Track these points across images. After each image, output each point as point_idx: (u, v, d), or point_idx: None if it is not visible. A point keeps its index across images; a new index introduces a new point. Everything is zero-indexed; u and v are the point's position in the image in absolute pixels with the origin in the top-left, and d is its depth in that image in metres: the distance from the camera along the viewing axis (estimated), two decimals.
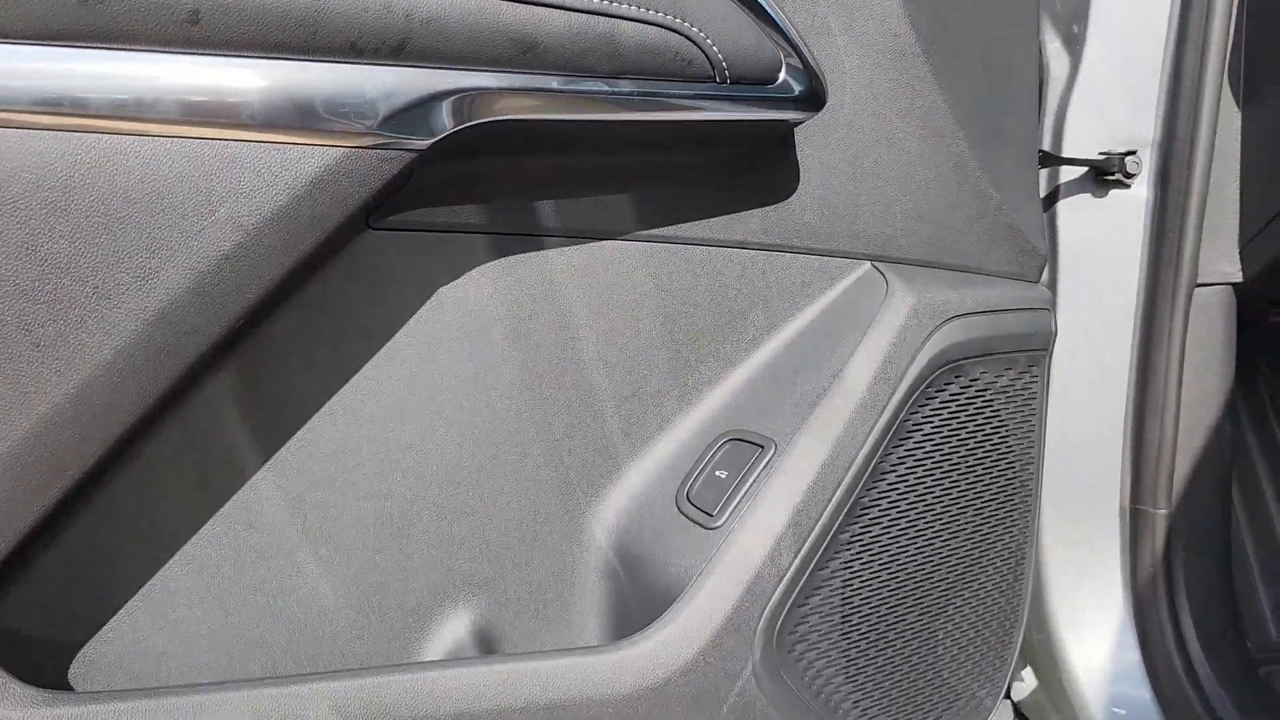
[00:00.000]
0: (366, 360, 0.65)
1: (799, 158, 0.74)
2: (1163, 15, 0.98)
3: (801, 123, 0.71)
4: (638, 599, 0.70)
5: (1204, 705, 0.99)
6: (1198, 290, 1.00)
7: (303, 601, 0.65)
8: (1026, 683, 1.14)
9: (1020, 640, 0.87)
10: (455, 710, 0.60)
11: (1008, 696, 1.18)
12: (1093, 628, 1.04)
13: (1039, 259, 0.84)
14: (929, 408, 0.75)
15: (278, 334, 0.62)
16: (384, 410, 0.65)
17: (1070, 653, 1.05)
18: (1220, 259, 1.01)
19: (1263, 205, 0.97)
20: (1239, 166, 0.99)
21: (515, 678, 0.62)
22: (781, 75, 0.66)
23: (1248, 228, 0.99)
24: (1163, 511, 1.02)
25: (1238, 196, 1.00)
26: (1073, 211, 1.02)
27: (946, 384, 0.76)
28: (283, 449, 0.63)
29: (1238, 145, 0.99)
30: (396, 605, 0.67)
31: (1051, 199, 1.03)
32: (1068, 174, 1.02)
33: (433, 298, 0.66)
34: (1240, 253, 1.01)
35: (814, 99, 0.68)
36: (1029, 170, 0.88)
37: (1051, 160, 0.99)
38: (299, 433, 0.63)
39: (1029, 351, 0.80)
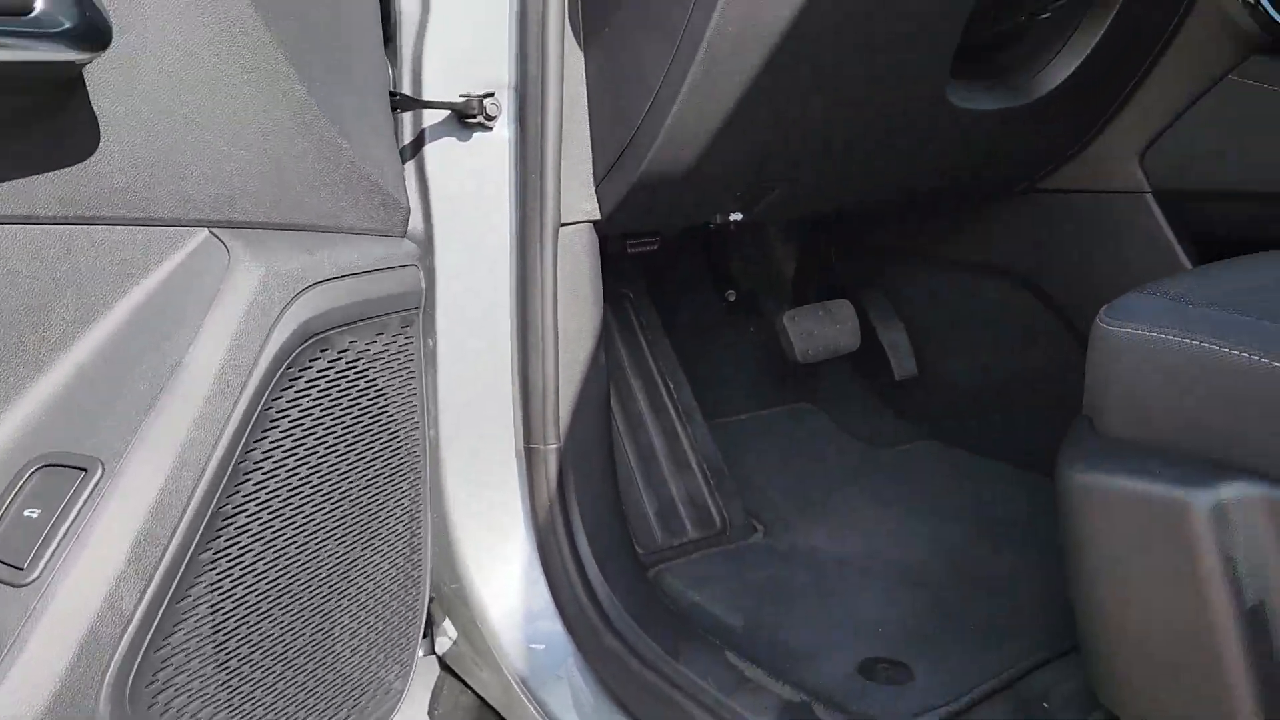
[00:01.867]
0: None
1: (96, 108, 0.60)
2: None
3: (85, 64, 0.57)
4: None
5: (601, 618, 1.05)
6: (563, 229, 1.03)
7: None
8: (449, 635, 1.13)
9: (425, 609, 0.84)
10: None
11: (432, 652, 1.17)
12: (502, 571, 1.06)
13: (401, 212, 0.79)
14: (294, 389, 0.67)
15: None
16: None
17: (484, 598, 1.06)
18: (581, 198, 1.04)
19: (611, 146, 1.02)
20: (588, 106, 1.03)
21: None
22: (40, 4, 0.52)
23: (600, 168, 1.04)
24: (553, 447, 1.05)
25: (589, 136, 1.04)
26: (440, 156, 0.99)
27: (312, 360, 0.69)
28: None
29: (584, 86, 1.02)
30: None
31: (418, 145, 0.98)
32: (431, 118, 0.98)
33: None
34: (595, 191, 1.05)
35: (93, 34, 0.54)
36: (382, 117, 0.82)
37: (409, 104, 0.95)
38: None
39: (400, 312, 0.76)
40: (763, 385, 1.65)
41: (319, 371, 0.68)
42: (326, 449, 0.69)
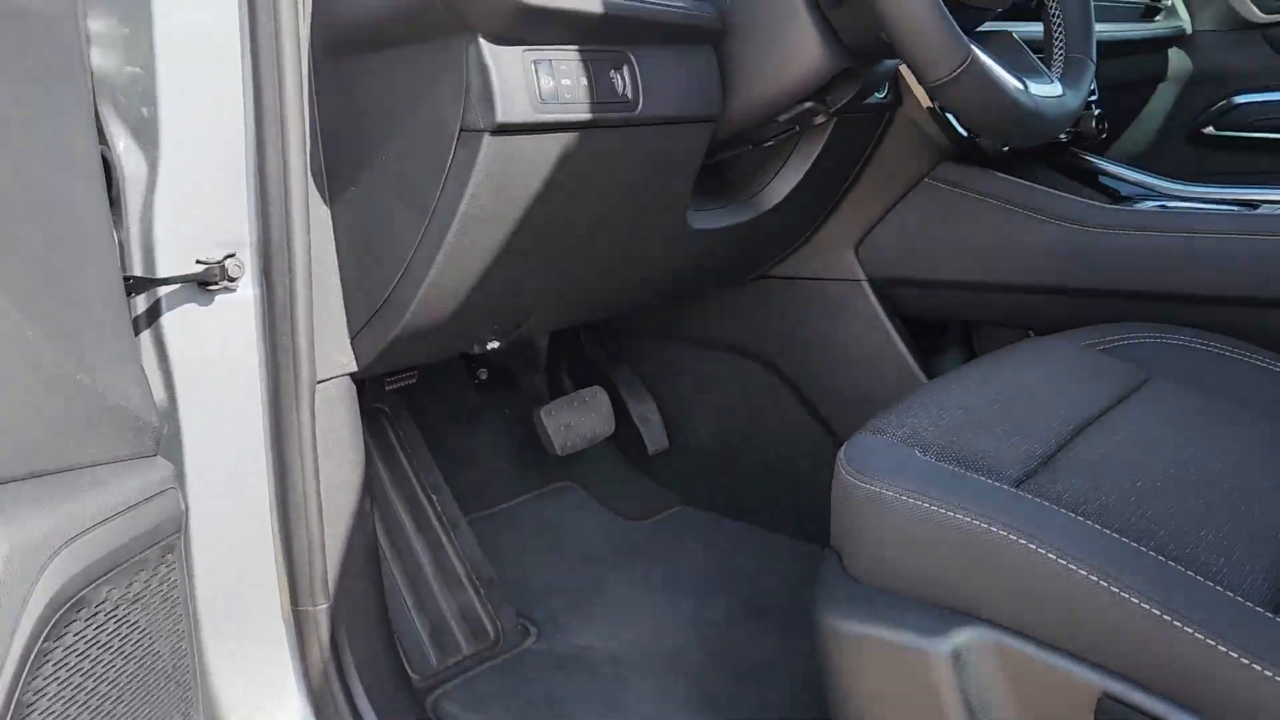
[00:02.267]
0: None
1: None
2: (237, 112, 0.93)
3: None
4: None
5: None
6: (320, 385, 1.00)
7: None
8: None
9: None
10: None
11: None
12: None
13: (152, 430, 0.75)
14: (48, 666, 0.62)
15: None
16: None
17: None
18: (336, 352, 1.02)
19: (365, 303, 1.00)
20: (338, 261, 1.00)
21: None
22: None
23: (355, 322, 1.02)
24: (323, 607, 1.02)
25: (340, 290, 1.01)
26: (180, 327, 0.93)
27: (68, 625, 0.64)
28: None
29: (332, 242, 0.99)
30: None
31: (154, 318, 0.92)
32: (169, 288, 0.93)
33: None
34: (351, 343, 1.03)
35: None
36: (119, 318, 0.77)
37: (144, 285, 0.89)
38: None
39: (161, 543, 0.72)
40: (523, 469, 1.67)
41: (76, 636, 0.64)
42: (89, 716, 0.65)
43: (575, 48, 0.90)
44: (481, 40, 0.83)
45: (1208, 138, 2.17)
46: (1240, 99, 2.13)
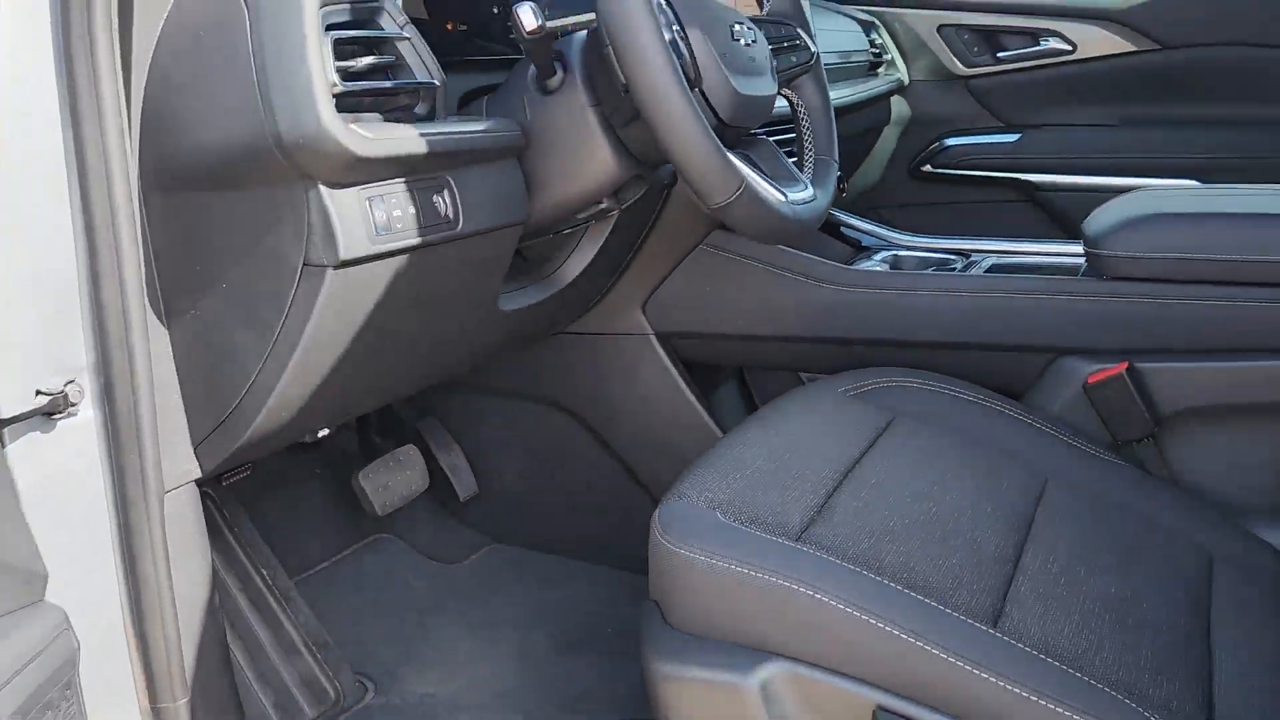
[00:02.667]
0: None
1: None
2: (68, 245, 0.96)
3: None
4: None
5: None
6: (167, 495, 1.05)
7: None
8: None
9: None
10: None
11: None
12: None
13: (40, 578, 0.80)
14: None
15: None
16: None
17: None
18: (182, 461, 1.08)
19: (208, 416, 1.06)
20: (179, 379, 1.06)
21: None
22: None
23: (198, 432, 1.08)
24: (183, 702, 1.08)
25: (182, 404, 1.07)
26: (26, 459, 0.97)
27: None
28: None
29: (172, 362, 1.05)
30: None
31: None
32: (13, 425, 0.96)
33: None
34: (195, 452, 1.09)
35: None
36: None
37: None
38: None
39: (63, 681, 0.77)
40: (340, 526, 1.74)
41: None
42: None
43: (402, 179, 1.00)
44: (321, 186, 0.92)
45: (926, 174, 2.51)
46: (949, 141, 2.47)
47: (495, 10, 1.43)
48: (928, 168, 2.46)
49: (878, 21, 2.37)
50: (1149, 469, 1.36)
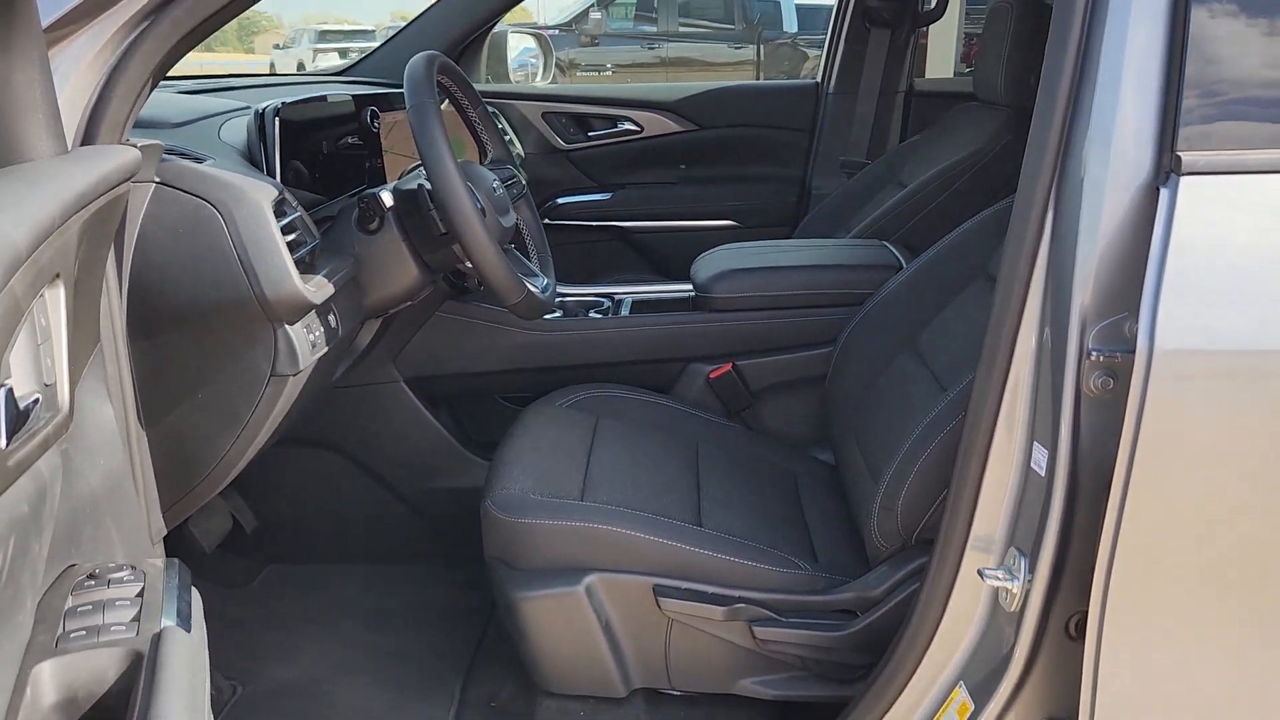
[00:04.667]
0: None
1: None
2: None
3: None
4: None
5: None
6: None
7: None
8: None
9: None
10: None
11: None
12: None
13: None
14: None
15: None
16: None
17: None
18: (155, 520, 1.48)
19: (180, 481, 1.48)
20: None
21: None
22: None
23: (168, 496, 1.48)
24: None
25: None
26: None
27: None
28: None
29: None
30: None
31: None
32: None
33: None
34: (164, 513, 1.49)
35: None
36: None
37: None
38: None
39: None
40: None
41: None
42: None
43: (314, 310, 1.50)
44: (285, 324, 1.40)
45: (547, 225, 3.20)
46: (560, 199, 3.21)
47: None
48: (547, 221, 3.17)
49: (497, 111, 3.02)
50: (750, 427, 2.18)
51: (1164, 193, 1.07)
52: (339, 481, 2.23)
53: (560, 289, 2.41)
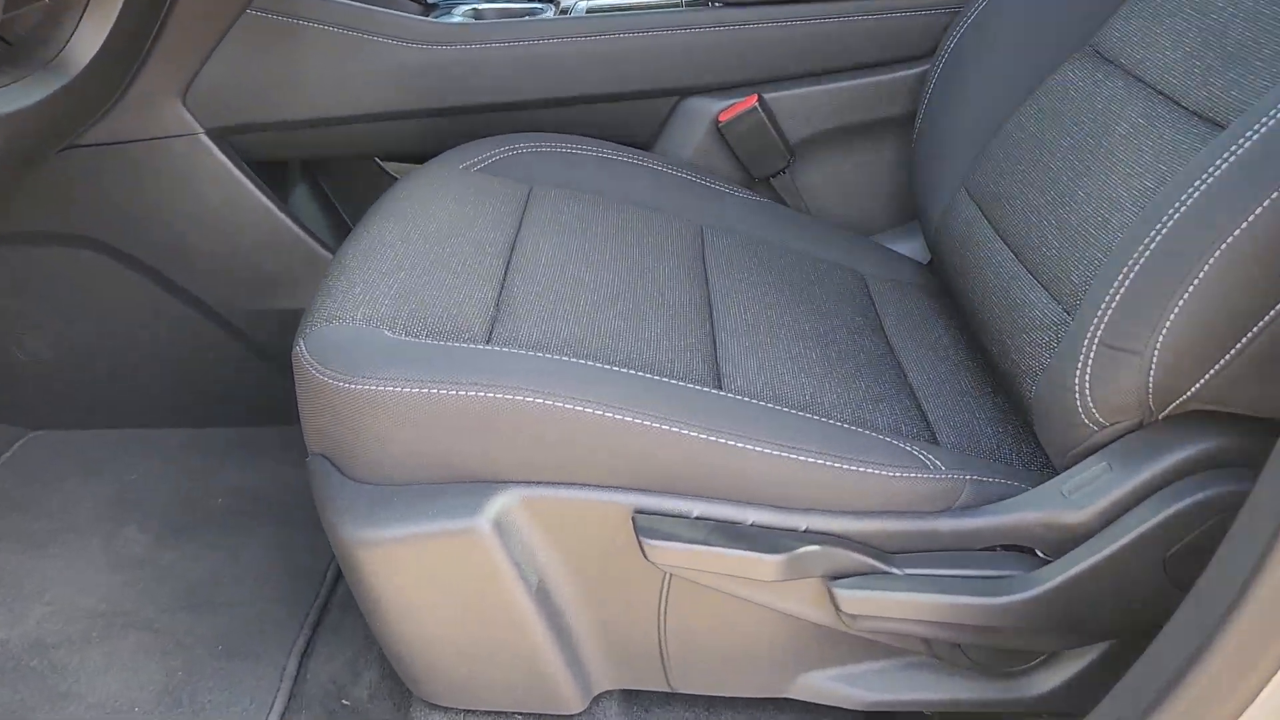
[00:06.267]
0: None
1: None
2: None
3: None
4: None
5: None
6: None
7: None
8: None
9: None
10: None
11: None
12: None
13: None
14: None
15: None
16: None
17: None
18: None
19: None
20: None
21: None
22: None
23: None
24: None
25: None
26: None
27: None
28: None
29: None
30: None
31: None
32: None
33: None
34: None
35: None
36: None
37: None
38: None
39: None
40: None
41: None
42: None
43: None
44: None
45: None
46: None
47: None
48: None
49: None
50: (786, 202, 1.33)
51: None
52: (113, 300, 1.37)
53: None
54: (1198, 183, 0.73)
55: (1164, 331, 0.71)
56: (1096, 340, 0.75)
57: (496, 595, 0.80)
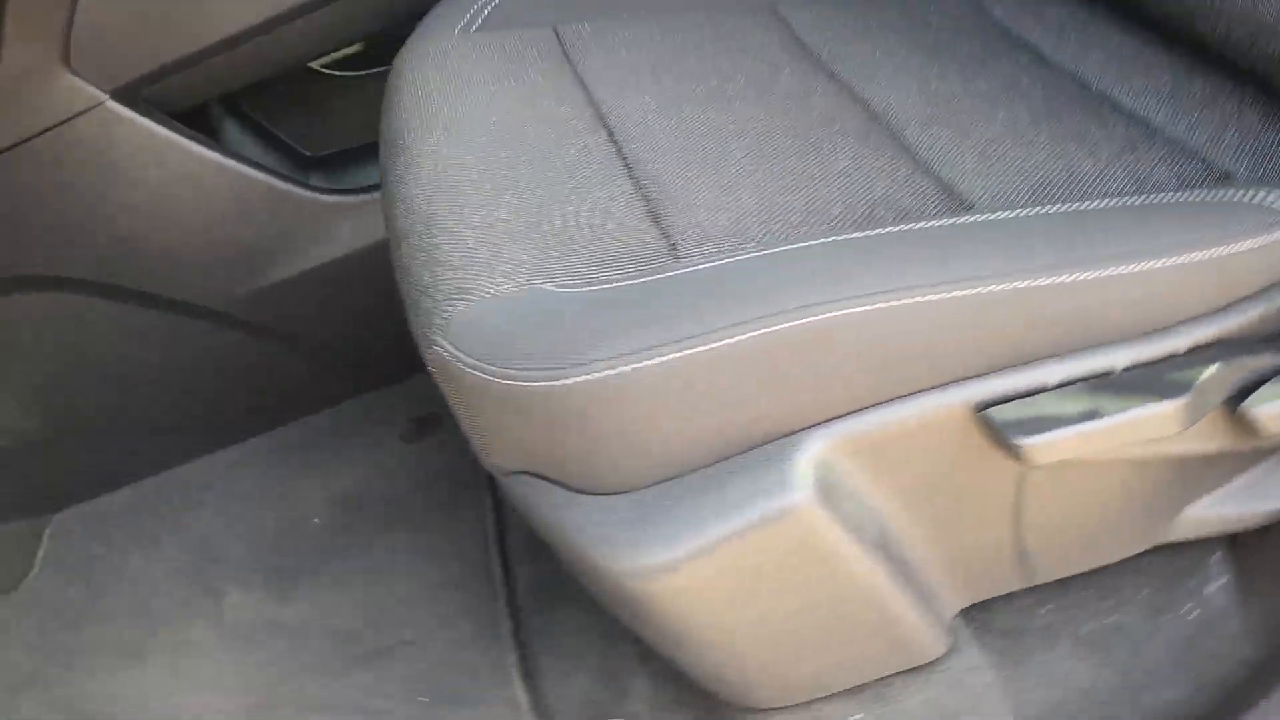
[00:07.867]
0: None
1: None
2: None
3: None
4: None
5: None
6: None
7: None
8: None
9: None
10: None
11: None
12: None
13: None
14: None
15: None
16: None
17: None
18: None
19: None
20: None
21: None
22: None
23: None
24: None
25: None
26: None
27: None
28: None
29: None
30: None
31: None
32: None
33: None
34: None
35: None
36: None
37: None
38: None
39: None
40: None
41: None
42: None
43: None
44: None
45: None
46: None
47: None
48: None
49: None
50: None
51: None
52: (92, 337, 1.10)
53: None
54: None
55: None
56: None
57: (837, 565, 0.61)
